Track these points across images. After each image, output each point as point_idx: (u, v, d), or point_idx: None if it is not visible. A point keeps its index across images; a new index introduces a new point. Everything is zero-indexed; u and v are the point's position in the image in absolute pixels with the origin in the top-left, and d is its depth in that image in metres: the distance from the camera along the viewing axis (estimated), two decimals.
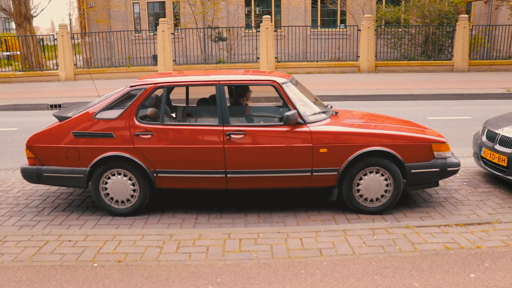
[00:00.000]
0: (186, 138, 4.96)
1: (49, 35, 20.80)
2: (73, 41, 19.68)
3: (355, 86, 15.25)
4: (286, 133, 4.93)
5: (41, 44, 21.07)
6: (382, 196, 5.05)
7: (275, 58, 19.67)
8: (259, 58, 19.48)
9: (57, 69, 19.27)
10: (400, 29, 21.40)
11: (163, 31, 18.68)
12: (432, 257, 3.92)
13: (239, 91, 5.82)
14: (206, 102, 5.79)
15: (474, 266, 3.76)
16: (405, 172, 4.98)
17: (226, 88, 5.17)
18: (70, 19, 44.36)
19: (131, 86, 5.21)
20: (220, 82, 5.10)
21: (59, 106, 13.12)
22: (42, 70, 19.88)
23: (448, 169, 5.07)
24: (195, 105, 6.00)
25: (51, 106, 13.21)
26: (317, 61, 20.29)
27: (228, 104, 5.42)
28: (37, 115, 11.97)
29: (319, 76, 18.21)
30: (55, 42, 19.24)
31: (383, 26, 21.60)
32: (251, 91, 5.94)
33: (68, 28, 20.02)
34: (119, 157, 5.01)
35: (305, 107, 5.15)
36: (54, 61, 20.19)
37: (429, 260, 3.86)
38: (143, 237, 4.38)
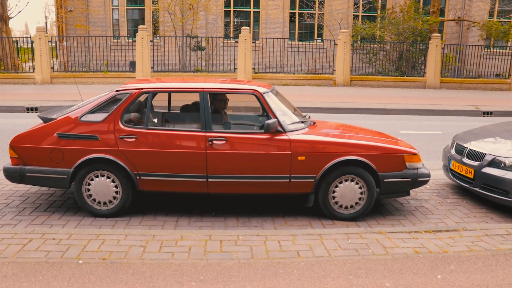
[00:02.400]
0: (169, 143, 5.09)
1: (25, 37, 20.63)
2: (50, 44, 19.60)
3: (331, 99, 15.59)
4: (266, 141, 5.09)
5: (16, 46, 20.88)
6: (356, 203, 5.26)
7: (253, 69, 19.95)
8: (236, 68, 19.73)
9: (33, 72, 19.12)
10: (375, 45, 21.99)
11: (142, 38, 18.76)
12: (403, 260, 4.16)
13: (219, 99, 5.98)
14: (189, 108, 5.93)
15: (441, 269, 4.01)
16: (379, 181, 5.20)
17: (208, 96, 5.35)
18: (46, 22, 43.93)
19: (116, 91, 5.33)
20: (204, 89, 5.26)
21: (36, 109, 13.05)
22: (17, 72, 19.71)
23: (419, 179, 5.32)
24: (178, 111, 6.14)
25: (28, 108, 13.14)
26: (294, 73, 20.65)
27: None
28: (12, 117, 11.90)
29: (295, 88, 18.52)
30: (32, 44, 19.11)
31: (359, 42, 22.17)
32: (228, 99, 6.11)
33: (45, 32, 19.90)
34: (103, 159, 5.11)
35: (285, 116, 5.32)
36: (29, 64, 20.01)
37: (400, 263, 4.09)
38: (127, 237, 4.50)
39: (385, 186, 5.23)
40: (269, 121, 5.03)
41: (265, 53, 21.60)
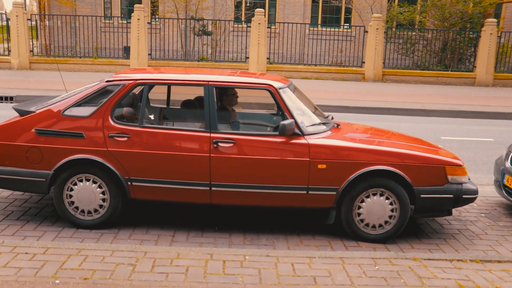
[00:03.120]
0: (167, 144, 5.13)
1: None
2: (29, 23, 19.81)
3: (359, 96, 15.59)
4: (281, 145, 5.12)
5: None
6: (386, 222, 5.23)
7: (267, 58, 20.01)
8: (248, 57, 19.84)
9: (8, 55, 19.35)
10: (414, 33, 21.89)
11: (138, 19, 18.90)
12: None
13: (227, 94, 6.03)
14: (191, 104, 6.00)
15: None
16: (414, 196, 5.15)
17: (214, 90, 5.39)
18: None
19: (107, 81, 5.38)
20: (210, 82, 5.31)
21: (11, 99, 13.21)
22: None
23: (464, 196, 5.26)
24: (178, 107, 6.22)
25: (1, 98, 13.30)
26: (316, 65, 20.68)
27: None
28: None
29: (317, 83, 18.57)
30: (8, 22, 19.32)
31: (394, 28, 22.09)
32: (238, 95, 6.17)
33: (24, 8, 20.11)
34: (88, 161, 5.15)
35: (304, 116, 5.37)
36: (4, 45, 20.22)
37: None
38: (113, 253, 4.53)
39: (422, 203, 5.20)
40: (285, 122, 5.05)
41: (282, 40, 21.60)
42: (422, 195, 5.17)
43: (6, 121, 5.52)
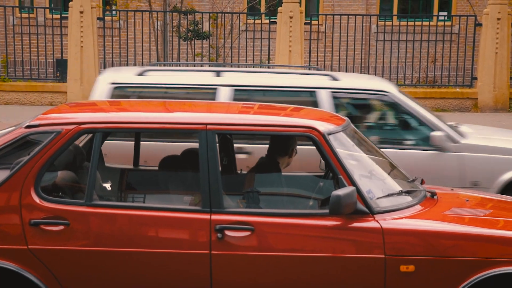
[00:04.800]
0: (134, 234, 4.93)
1: None
2: None
3: None
4: (334, 232, 4.96)
5: None
6: None
7: None
8: None
9: None
10: None
11: (81, 12, 18.20)
12: None
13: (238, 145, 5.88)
14: (177, 163, 5.88)
15: None
16: None
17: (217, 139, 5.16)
18: None
19: (28, 127, 5.13)
20: (209, 126, 5.15)
21: None
22: None
23: None
24: (155, 168, 6.10)
25: None
26: None
27: (220, 168, 5.42)
28: None
29: None
30: None
31: None
32: (295, 147, 6.13)
33: None
34: None
35: (372, 180, 5.22)
36: None
37: None
38: None
39: None
40: (340, 192, 4.73)
41: (331, 45, 21.21)
42: None
43: None
